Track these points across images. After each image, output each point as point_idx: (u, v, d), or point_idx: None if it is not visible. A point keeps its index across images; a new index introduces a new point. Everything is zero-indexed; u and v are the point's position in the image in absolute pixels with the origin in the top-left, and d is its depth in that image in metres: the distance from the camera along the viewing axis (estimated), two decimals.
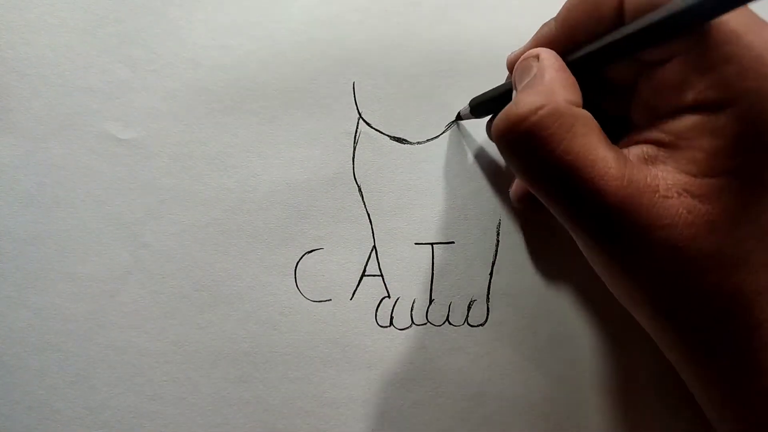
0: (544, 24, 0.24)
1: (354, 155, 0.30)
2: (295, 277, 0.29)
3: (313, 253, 0.30)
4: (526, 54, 0.23)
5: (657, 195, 0.20)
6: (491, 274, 0.30)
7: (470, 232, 0.30)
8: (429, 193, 0.30)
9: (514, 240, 0.30)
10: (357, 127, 0.30)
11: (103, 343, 0.29)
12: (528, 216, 0.30)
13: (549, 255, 0.30)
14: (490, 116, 0.28)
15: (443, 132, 0.30)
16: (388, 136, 0.30)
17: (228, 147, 0.29)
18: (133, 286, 0.29)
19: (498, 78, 0.29)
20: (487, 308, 0.30)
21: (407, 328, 0.30)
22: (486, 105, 0.27)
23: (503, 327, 0.30)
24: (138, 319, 0.29)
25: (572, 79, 0.21)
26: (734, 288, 0.20)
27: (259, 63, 0.29)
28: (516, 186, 0.28)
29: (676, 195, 0.20)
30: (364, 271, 0.30)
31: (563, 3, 0.23)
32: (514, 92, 0.23)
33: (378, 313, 0.30)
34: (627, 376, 0.30)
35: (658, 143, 0.21)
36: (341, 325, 0.29)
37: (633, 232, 0.20)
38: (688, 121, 0.20)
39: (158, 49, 0.29)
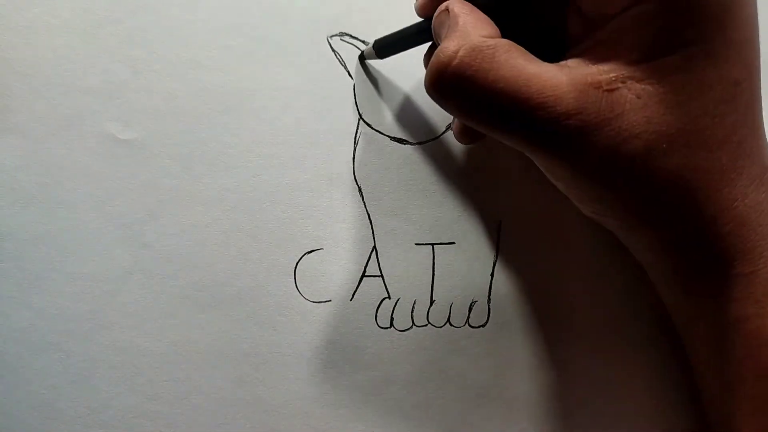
0: None
1: (354, 155, 0.30)
2: (295, 278, 0.29)
3: (312, 253, 0.29)
4: (438, 10, 0.23)
5: (600, 90, 0.20)
6: (492, 274, 0.30)
7: (471, 233, 0.30)
8: (429, 193, 0.30)
9: (514, 240, 0.30)
10: (357, 128, 0.30)
11: (104, 343, 0.29)
12: (468, 144, 0.29)
13: (550, 255, 0.30)
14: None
15: (443, 132, 0.30)
16: (388, 136, 0.30)
17: (228, 147, 0.29)
18: (133, 286, 0.29)
19: None
20: (489, 309, 0.30)
21: (408, 329, 0.30)
22: (389, 46, 0.28)
23: (504, 328, 0.30)
24: (139, 319, 0.29)
25: (483, 16, 0.22)
26: (697, 168, 0.20)
27: (259, 63, 0.29)
28: (456, 123, 0.28)
29: (621, 85, 0.20)
30: (364, 271, 0.30)
31: None
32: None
33: (378, 314, 0.30)
34: (627, 376, 0.29)
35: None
36: (341, 326, 0.29)
37: (586, 133, 0.20)
38: (624, 18, 0.20)
39: (158, 49, 0.29)
